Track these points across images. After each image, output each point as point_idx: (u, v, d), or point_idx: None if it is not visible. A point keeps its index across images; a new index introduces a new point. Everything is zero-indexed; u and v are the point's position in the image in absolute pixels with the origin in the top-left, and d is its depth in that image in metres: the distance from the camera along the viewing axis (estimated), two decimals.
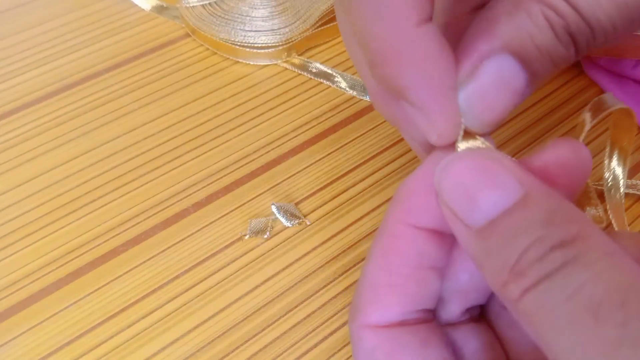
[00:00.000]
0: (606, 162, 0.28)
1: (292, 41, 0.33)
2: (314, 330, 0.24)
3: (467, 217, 0.15)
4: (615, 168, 0.28)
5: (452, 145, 0.17)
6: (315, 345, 0.24)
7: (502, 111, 0.16)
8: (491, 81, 0.15)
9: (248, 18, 0.34)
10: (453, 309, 0.18)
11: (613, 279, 0.12)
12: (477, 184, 0.15)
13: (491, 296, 0.19)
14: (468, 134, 0.17)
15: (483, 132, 0.17)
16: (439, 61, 0.16)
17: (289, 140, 0.30)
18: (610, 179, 0.28)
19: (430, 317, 0.18)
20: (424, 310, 0.18)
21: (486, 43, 0.15)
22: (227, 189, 0.28)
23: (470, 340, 0.18)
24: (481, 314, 0.19)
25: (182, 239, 0.26)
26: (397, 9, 0.15)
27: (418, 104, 0.16)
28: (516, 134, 0.31)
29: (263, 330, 0.24)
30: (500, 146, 0.31)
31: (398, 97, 0.17)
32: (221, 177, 0.29)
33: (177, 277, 0.25)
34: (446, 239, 0.17)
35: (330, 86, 0.33)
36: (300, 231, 0.27)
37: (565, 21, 0.15)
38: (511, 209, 0.14)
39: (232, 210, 0.27)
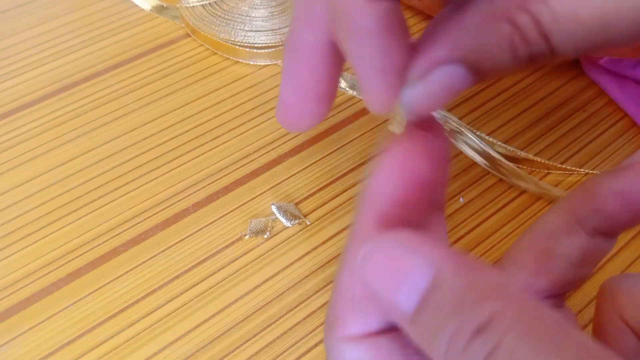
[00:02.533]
0: None
1: None
2: (314, 330, 0.24)
3: (397, 307, 0.15)
4: None
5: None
6: (315, 345, 0.24)
7: (437, 105, 0.17)
8: (438, 87, 0.16)
9: (248, 18, 0.34)
10: None
11: None
12: (393, 275, 0.15)
13: None
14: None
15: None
16: (381, 40, 0.16)
17: (289, 140, 0.30)
18: None
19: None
20: None
21: (445, 50, 0.16)
22: (227, 189, 0.28)
23: None
24: None
25: (182, 239, 0.26)
26: None
27: (357, 74, 0.17)
28: (516, 133, 0.31)
29: (263, 330, 0.24)
30: None
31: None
32: (221, 177, 0.29)
33: (177, 277, 0.25)
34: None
35: None
36: (300, 231, 0.27)
37: (530, 48, 0.15)
38: (428, 295, 0.14)
39: (232, 210, 0.27)
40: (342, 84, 0.33)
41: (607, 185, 0.18)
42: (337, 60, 0.19)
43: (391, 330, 0.17)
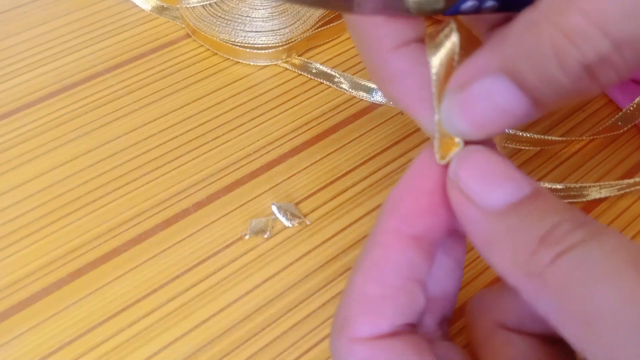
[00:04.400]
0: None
1: (292, 42, 0.33)
2: (313, 330, 0.24)
3: (486, 199, 0.16)
4: None
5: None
6: (315, 345, 0.24)
7: (487, 127, 0.16)
8: (478, 96, 0.15)
9: (248, 19, 0.34)
10: (428, 322, 0.18)
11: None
12: (496, 172, 0.16)
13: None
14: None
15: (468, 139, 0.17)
16: (414, 78, 0.17)
17: (289, 140, 0.30)
18: None
19: (415, 331, 0.18)
20: (409, 324, 0.17)
21: (484, 60, 0.15)
22: (228, 189, 0.28)
23: (450, 355, 0.18)
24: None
25: (183, 239, 0.26)
26: (374, 38, 0.17)
27: (408, 111, 0.18)
28: None
29: (263, 329, 0.24)
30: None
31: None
32: (222, 177, 0.29)
33: (177, 277, 0.25)
34: (432, 250, 0.18)
35: (330, 86, 0.33)
36: (300, 231, 0.27)
37: (580, 52, 0.13)
38: (531, 197, 0.15)
39: (233, 210, 0.27)
40: (343, 84, 0.33)
41: None
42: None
43: (401, 334, 0.17)
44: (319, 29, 0.35)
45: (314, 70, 0.33)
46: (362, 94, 0.32)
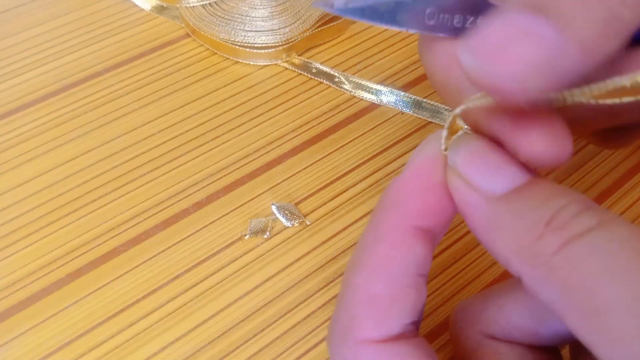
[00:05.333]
0: None
1: (292, 41, 0.33)
2: (313, 330, 0.24)
3: (487, 184, 0.15)
4: None
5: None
6: (315, 345, 0.24)
7: (519, 60, 0.13)
8: (499, 28, 0.13)
9: (248, 18, 0.34)
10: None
11: None
12: (496, 158, 0.16)
13: None
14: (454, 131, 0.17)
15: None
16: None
17: (289, 140, 0.30)
18: None
19: (417, 333, 0.17)
20: (412, 323, 0.17)
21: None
22: (227, 189, 0.28)
23: None
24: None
25: (182, 239, 0.26)
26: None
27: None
28: None
29: (263, 330, 0.24)
30: None
31: None
32: (221, 177, 0.29)
33: (177, 277, 0.25)
34: (434, 241, 0.17)
35: (330, 86, 0.33)
36: (300, 231, 0.27)
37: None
38: (533, 181, 0.15)
39: (232, 210, 0.27)
40: (344, 84, 0.33)
41: None
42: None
43: (408, 336, 0.16)
44: (319, 29, 0.35)
45: (314, 70, 0.33)
46: (362, 94, 0.32)
